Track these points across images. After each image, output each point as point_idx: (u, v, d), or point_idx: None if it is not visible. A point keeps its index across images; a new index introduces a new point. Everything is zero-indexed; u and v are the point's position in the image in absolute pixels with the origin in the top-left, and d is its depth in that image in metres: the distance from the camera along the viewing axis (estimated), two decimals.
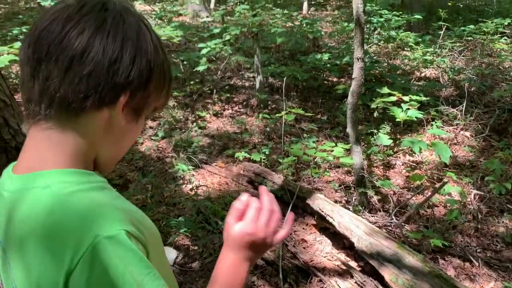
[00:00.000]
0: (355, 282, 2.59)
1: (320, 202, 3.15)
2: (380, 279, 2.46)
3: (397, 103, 4.25)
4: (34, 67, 0.68)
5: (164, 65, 0.78)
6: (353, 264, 2.83)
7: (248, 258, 0.83)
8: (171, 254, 3.14)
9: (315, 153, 3.38)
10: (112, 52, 0.68)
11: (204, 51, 5.64)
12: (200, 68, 5.56)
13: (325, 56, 6.73)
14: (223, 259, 0.83)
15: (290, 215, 0.93)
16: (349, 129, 3.48)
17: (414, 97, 4.09)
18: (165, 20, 8.90)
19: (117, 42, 0.69)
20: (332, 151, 3.40)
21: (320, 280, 2.72)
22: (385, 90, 4.21)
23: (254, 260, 0.84)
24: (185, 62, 7.01)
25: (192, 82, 6.55)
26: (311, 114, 5.22)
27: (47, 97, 0.68)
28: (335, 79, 6.77)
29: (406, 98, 4.07)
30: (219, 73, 6.84)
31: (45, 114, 0.69)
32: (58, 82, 0.67)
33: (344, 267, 2.75)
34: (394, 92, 4.13)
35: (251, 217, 0.82)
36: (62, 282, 0.59)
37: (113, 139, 0.76)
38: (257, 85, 5.93)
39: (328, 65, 6.76)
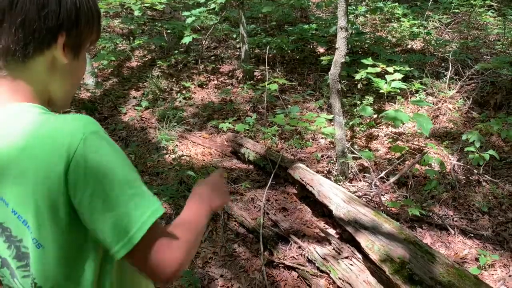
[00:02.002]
0: (333, 249, 2.64)
1: (300, 171, 3.18)
2: (357, 245, 2.51)
3: (382, 75, 4.25)
4: None
5: (90, 2, 0.83)
6: (331, 231, 2.88)
7: (204, 201, 0.95)
8: None
9: (297, 123, 3.39)
10: None
11: (189, 20, 5.51)
12: (186, 40, 5.43)
13: (313, 26, 6.65)
14: (186, 207, 0.93)
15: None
16: (331, 100, 3.47)
17: (398, 69, 4.10)
18: None
19: None
20: (315, 121, 3.41)
21: (299, 247, 2.77)
22: (370, 61, 4.20)
23: (208, 206, 0.95)
24: (169, 31, 6.88)
25: (176, 52, 6.45)
26: (293, 83, 5.20)
27: None
28: (322, 50, 6.72)
29: (390, 69, 4.07)
30: (204, 43, 6.73)
31: None
32: None
33: (322, 234, 2.80)
34: (378, 63, 4.12)
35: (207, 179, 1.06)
36: (63, 180, 0.68)
37: (61, 77, 0.84)
38: (243, 55, 5.86)
39: (315, 36, 6.69)
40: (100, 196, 0.69)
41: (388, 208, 3.19)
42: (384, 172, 3.54)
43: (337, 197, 2.74)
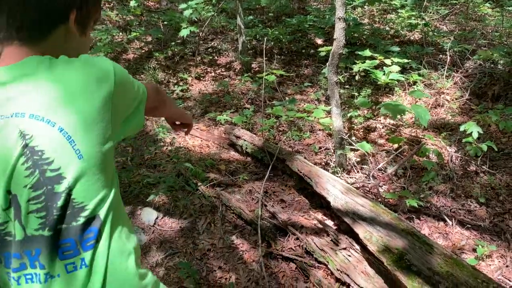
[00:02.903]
0: (331, 240, 2.64)
1: (298, 163, 3.17)
2: (355, 236, 2.52)
3: (380, 66, 4.24)
4: None
5: None
6: (329, 222, 2.88)
7: None
8: (151, 215, 3.16)
9: (295, 115, 3.38)
10: None
11: (186, 13, 5.45)
12: (183, 33, 5.36)
13: (310, 18, 6.62)
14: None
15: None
16: (329, 91, 3.46)
17: (396, 60, 4.08)
18: None
19: None
20: (312, 112, 3.40)
21: (297, 238, 2.78)
22: (367, 52, 4.18)
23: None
24: (166, 23, 6.83)
25: (173, 44, 6.41)
26: (291, 75, 5.18)
27: (15, 25, 0.87)
28: (320, 42, 6.69)
29: (388, 61, 4.06)
30: (201, 35, 6.69)
31: (17, 36, 0.87)
32: (20, 13, 0.87)
33: (320, 226, 2.80)
34: (376, 55, 4.11)
35: None
36: (109, 98, 0.87)
37: (71, 52, 0.94)
38: (240, 46, 5.83)
39: (313, 27, 6.66)
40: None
41: (386, 199, 3.19)
42: (382, 164, 3.54)
43: (335, 188, 2.74)
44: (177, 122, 1.49)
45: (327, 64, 3.42)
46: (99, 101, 0.86)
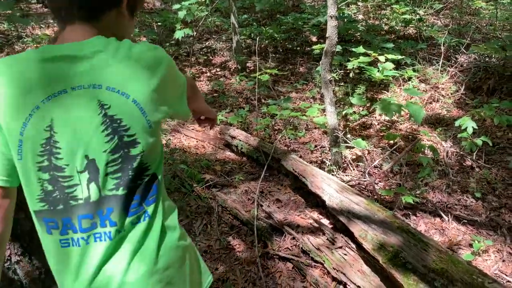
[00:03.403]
0: (327, 239, 2.64)
1: (293, 162, 3.17)
2: (350, 235, 2.51)
3: (375, 63, 4.24)
4: None
5: None
6: (325, 221, 2.88)
7: None
8: None
9: (289, 114, 3.37)
10: None
11: (181, 15, 5.42)
12: (178, 35, 5.33)
13: (304, 15, 6.61)
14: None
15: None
16: (323, 90, 3.45)
17: (390, 57, 4.08)
18: None
19: None
20: (307, 111, 3.39)
21: (293, 238, 2.77)
22: (361, 49, 4.18)
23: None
24: (160, 24, 6.81)
25: (167, 45, 6.40)
26: (285, 73, 5.17)
27: (76, 6, 0.97)
28: (314, 39, 6.68)
29: (382, 58, 4.06)
30: (195, 35, 6.67)
31: (78, 16, 0.98)
32: None
33: (316, 225, 2.80)
34: (370, 52, 4.10)
35: None
36: (163, 80, 1.00)
37: (122, 30, 1.07)
38: (234, 45, 5.82)
39: (307, 25, 6.65)
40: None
41: (382, 197, 3.19)
42: (377, 161, 3.53)
43: (330, 187, 2.73)
44: (202, 117, 1.56)
45: (320, 62, 3.41)
46: (158, 81, 0.99)
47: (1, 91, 0.93)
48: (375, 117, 4.49)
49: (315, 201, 3.09)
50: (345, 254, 2.49)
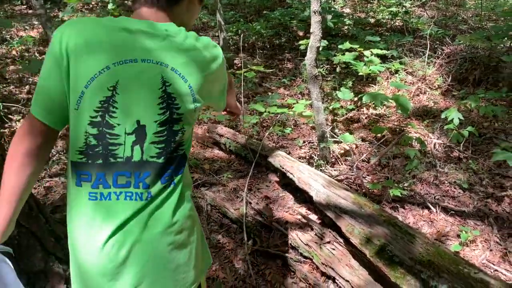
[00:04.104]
0: (315, 234, 2.64)
1: (281, 159, 3.17)
2: (338, 230, 2.51)
3: (362, 57, 4.24)
4: None
5: None
6: (313, 217, 2.88)
7: None
8: None
9: (276, 110, 3.36)
10: None
11: None
12: None
13: (291, 10, 6.59)
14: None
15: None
16: (309, 85, 3.45)
17: (375, 51, 4.08)
18: None
19: None
20: (293, 107, 3.39)
21: (282, 234, 2.77)
22: (347, 45, 4.18)
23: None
24: None
25: None
26: (272, 70, 5.16)
27: None
28: (302, 34, 6.67)
29: (367, 53, 4.06)
30: None
31: (158, 4, 1.13)
32: None
33: (304, 221, 2.80)
34: (355, 46, 4.10)
35: None
36: (215, 74, 1.16)
37: (191, 16, 1.24)
38: (221, 43, 5.79)
39: (294, 21, 6.63)
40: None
41: (370, 190, 3.20)
42: (365, 155, 3.54)
43: (317, 183, 2.73)
44: (227, 109, 1.67)
45: (306, 58, 3.40)
46: (210, 75, 1.13)
47: (78, 44, 1.02)
48: (363, 111, 4.50)
49: (303, 197, 3.09)
50: (334, 249, 2.49)
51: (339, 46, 4.26)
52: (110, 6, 5.26)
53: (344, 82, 4.77)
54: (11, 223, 1.08)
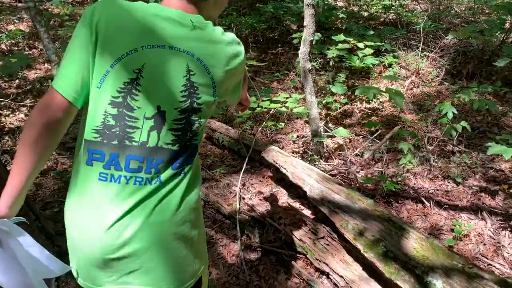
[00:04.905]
0: (309, 230, 2.63)
1: (274, 154, 3.14)
2: (332, 225, 2.50)
3: (355, 51, 4.21)
4: None
5: None
6: (307, 212, 2.86)
7: None
8: None
9: (269, 105, 3.33)
10: None
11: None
12: None
13: (284, 3, 6.54)
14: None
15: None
16: (302, 79, 3.42)
17: (369, 43, 4.06)
18: None
19: None
20: (287, 102, 3.36)
21: (276, 230, 2.75)
22: (341, 37, 4.15)
23: None
24: None
25: None
26: (265, 64, 5.13)
27: None
28: (295, 27, 6.62)
29: (361, 45, 4.03)
30: None
31: None
32: None
33: (298, 216, 2.79)
34: (348, 39, 4.08)
35: None
36: (235, 70, 1.19)
37: (217, 11, 1.27)
38: None
39: (287, 14, 6.59)
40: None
41: (363, 185, 3.19)
42: (358, 149, 3.53)
43: (310, 178, 2.71)
44: None
45: (299, 51, 3.37)
46: (231, 70, 1.17)
47: (109, 22, 1.03)
48: (356, 105, 4.48)
49: (296, 192, 3.08)
50: (327, 244, 2.48)
51: (333, 37, 4.22)
52: None
53: (338, 76, 4.75)
54: (20, 197, 1.05)
